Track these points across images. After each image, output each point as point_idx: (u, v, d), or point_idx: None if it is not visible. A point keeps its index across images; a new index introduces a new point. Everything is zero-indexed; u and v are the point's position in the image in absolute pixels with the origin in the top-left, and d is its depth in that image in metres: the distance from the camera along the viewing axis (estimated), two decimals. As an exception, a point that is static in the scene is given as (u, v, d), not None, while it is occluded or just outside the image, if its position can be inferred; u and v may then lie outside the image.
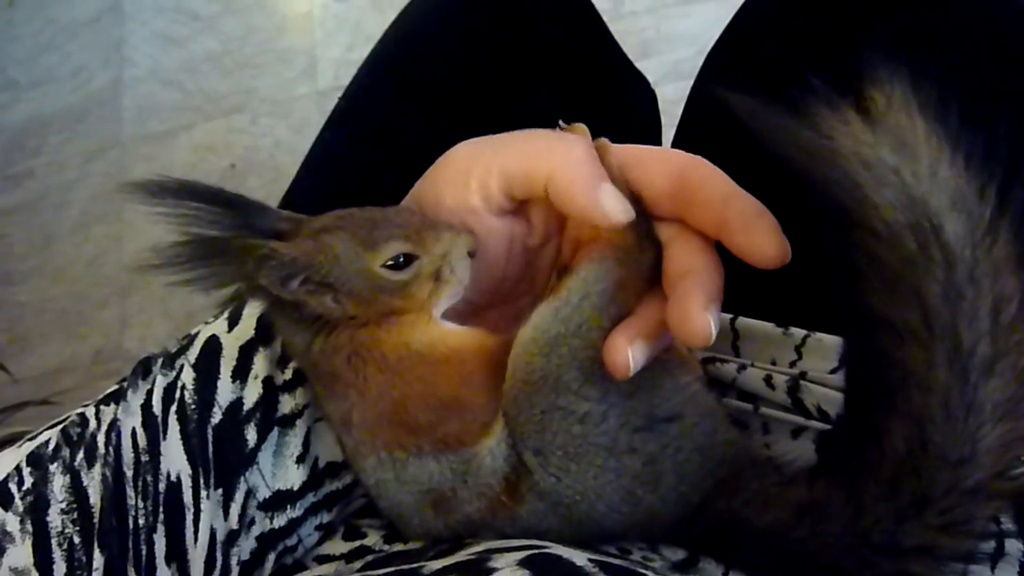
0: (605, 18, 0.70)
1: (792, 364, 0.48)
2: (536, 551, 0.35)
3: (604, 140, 0.41)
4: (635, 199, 0.38)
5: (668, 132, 0.68)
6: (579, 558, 0.34)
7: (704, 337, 0.34)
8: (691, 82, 0.67)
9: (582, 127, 0.42)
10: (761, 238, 0.34)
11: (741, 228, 0.34)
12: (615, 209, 0.36)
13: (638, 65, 0.73)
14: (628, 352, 0.35)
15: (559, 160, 0.38)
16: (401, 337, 0.40)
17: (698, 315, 0.34)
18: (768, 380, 0.47)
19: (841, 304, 0.35)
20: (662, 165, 0.39)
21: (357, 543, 0.43)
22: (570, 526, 0.39)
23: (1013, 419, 0.32)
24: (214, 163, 1.59)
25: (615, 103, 0.68)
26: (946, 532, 0.34)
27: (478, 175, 0.39)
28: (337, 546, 0.44)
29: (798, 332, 0.48)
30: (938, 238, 0.30)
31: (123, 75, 1.70)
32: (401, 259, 0.39)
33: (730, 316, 0.50)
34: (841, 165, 0.31)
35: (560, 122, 0.42)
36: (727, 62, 0.64)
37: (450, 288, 0.40)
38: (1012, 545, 0.39)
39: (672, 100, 0.74)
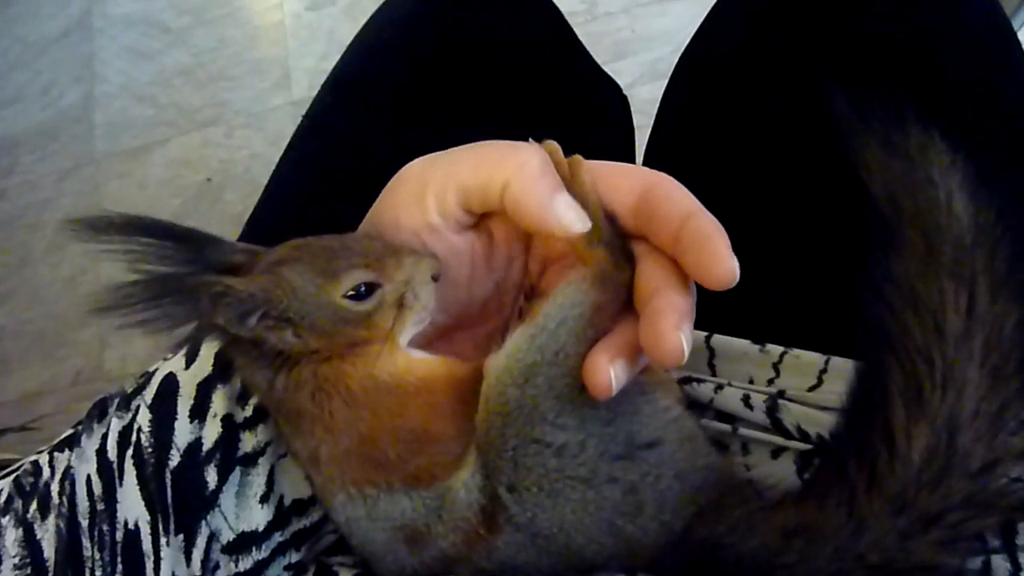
0: (580, 19, 0.69)
1: (770, 382, 0.46)
2: (511, 592, 0.33)
3: (577, 156, 0.39)
4: (610, 217, 0.37)
5: (647, 132, 0.67)
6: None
7: (676, 357, 0.33)
8: (668, 81, 0.66)
9: (553, 144, 0.40)
10: (709, 258, 0.33)
11: (692, 247, 0.34)
12: (570, 219, 0.36)
13: (614, 66, 0.72)
14: (610, 371, 0.34)
15: (513, 171, 0.37)
16: (367, 369, 0.38)
17: (670, 335, 0.33)
18: (746, 400, 0.45)
19: (877, 301, 0.36)
20: (627, 181, 0.37)
21: (328, 583, 0.42)
22: (548, 558, 0.38)
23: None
24: (190, 178, 1.57)
25: (585, 111, 0.67)
26: (947, 549, 0.33)
27: (434, 191, 0.38)
28: (309, 586, 0.43)
29: (775, 349, 0.47)
30: (991, 235, 0.35)
31: (94, 91, 1.68)
32: (363, 288, 0.37)
33: (705, 334, 0.49)
34: (924, 175, 0.37)
35: (530, 139, 0.40)
36: (700, 61, 0.63)
37: (415, 315, 0.39)
38: (998, 563, 0.38)
39: (650, 100, 0.73)
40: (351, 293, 0.37)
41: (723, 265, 0.32)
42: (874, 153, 0.38)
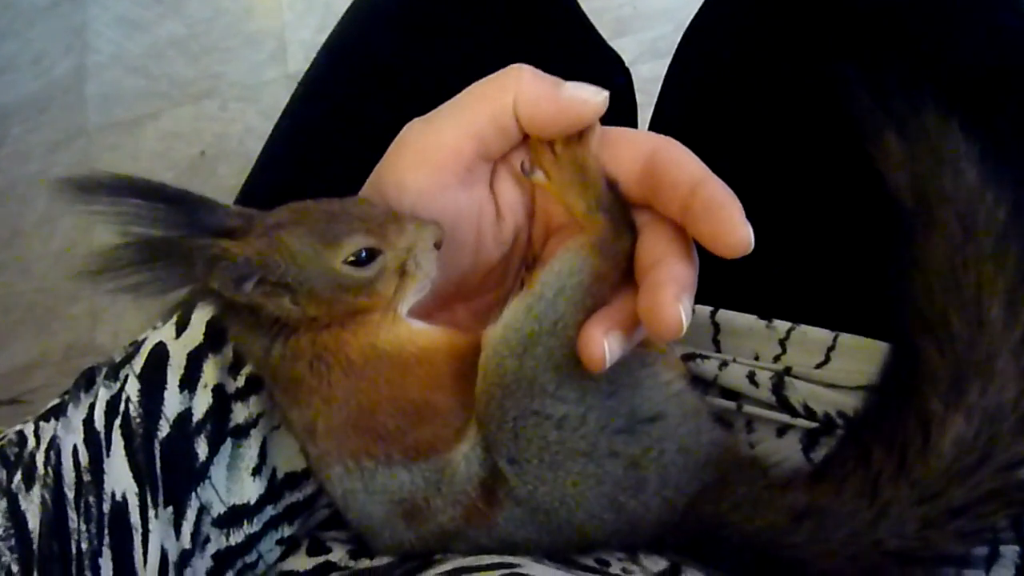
0: (581, -5, 0.67)
1: (776, 358, 0.45)
2: (508, 570, 0.33)
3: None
4: (611, 184, 0.36)
5: (647, 111, 0.65)
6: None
7: (675, 330, 0.32)
8: (669, 60, 0.64)
9: None
10: (723, 225, 0.32)
11: (704, 215, 0.32)
12: (588, 94, 0.36)
13: (615, 43, 0.71)
14: (604, 344, 0.33)
15: (514, 87, 0.36)
16: (367, 338, 0.37)
17: (669, 306, 0.32)
18: (751, 377, 0.44)
19: (911, 284, 0.35)
20: (632, 147, 0.36)
21: (322, 559, 0.41)
22: (549, 535, 0.37)
23: None
24: (183, 151, 1.54)
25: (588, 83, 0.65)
26: (966, 539, 0.33)
27: (448, 146, 0.37)
28: (301, 561, 0.42)
29: (782, 325, 0.46)
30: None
31: (86, 62, 1.65)
32: (364, 255, 0.36)
33: (710, 308, 0.48)
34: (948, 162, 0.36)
35: None
36: (704, 38, 0.62)
37: (417, 283, 0.38)
38: (1008, 548, 0.37)
39: (649, 79, 0.71)
40: (351, 259, 0.36)
41: (738, 233, 0.31)
42: (891, 139, 0.37)
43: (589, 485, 0.36)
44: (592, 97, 0.35)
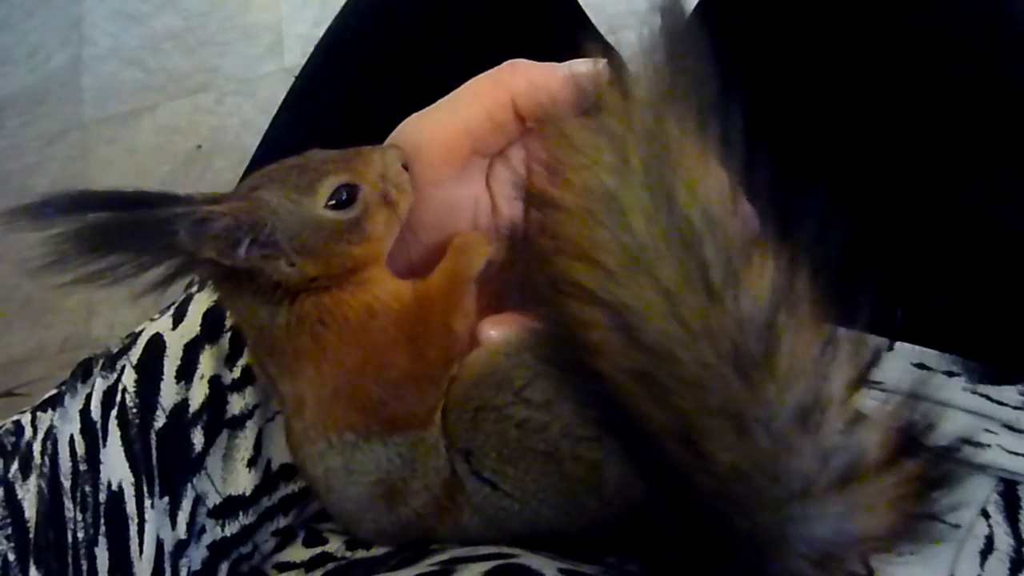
0: (577, -11, 0.67)
1: None
2: (503, 561, 0.33)
3: None
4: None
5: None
6: (549, 568, 0.32)
7: None
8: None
9: None
10: None
11: None
12: (584, 65, 0.36)
13: (612, 39, 0.71)
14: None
15: (510, 82, 0.37)
16: (363, 297, 0.37)
17: None
18: None
19: None
20: None
21: (318, 549, 0.41)
22: (509, 542, 0.37)
23: None
24: (179, 144, 1.54)
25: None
26: None
27: (444, 141, 0.38)
28: (297, 552, 0.42)
29: None
30: None
31: (82, 54, 1.64)
32: (344, 195, 0.36)
33: None
34: None
35: None
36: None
37: (405, 205, 0.38)
38: (1000, 537, 0.38)
39: (646, 74, 0.71)
40: (332, 203, 0.36)
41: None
42: None
43: (551, 481, 0.35)
44: (597, 63, 0.36)
